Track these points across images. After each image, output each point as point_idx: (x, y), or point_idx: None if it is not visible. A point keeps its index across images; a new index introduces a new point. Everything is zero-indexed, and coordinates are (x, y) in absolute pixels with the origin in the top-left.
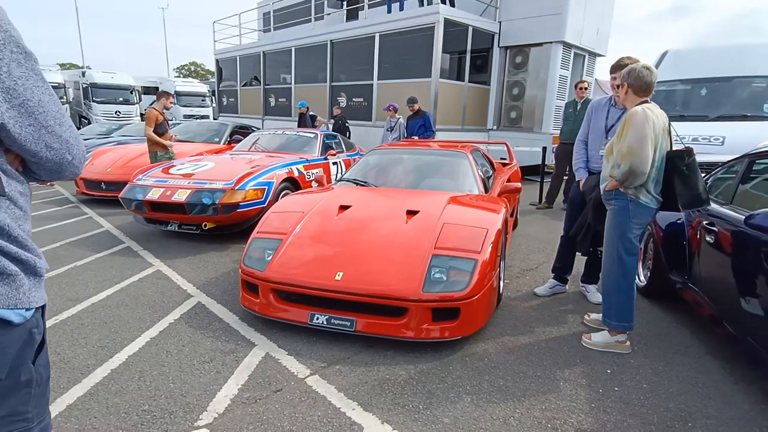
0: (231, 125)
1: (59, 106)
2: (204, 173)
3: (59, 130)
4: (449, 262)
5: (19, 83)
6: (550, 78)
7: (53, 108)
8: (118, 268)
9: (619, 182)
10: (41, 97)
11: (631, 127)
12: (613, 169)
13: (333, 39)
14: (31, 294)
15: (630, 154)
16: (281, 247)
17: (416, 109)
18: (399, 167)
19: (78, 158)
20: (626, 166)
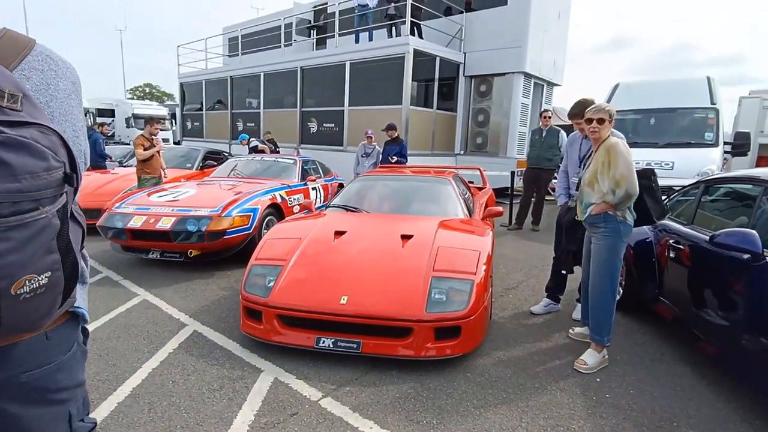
0: (203, 150)
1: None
2: (187, 200)
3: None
4: (448, 283)
5: (78, 124)
6: (512, 106)
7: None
8: (102, 299)
9: (613, 206)
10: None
11: (619, 157)
12: (607, 196)
13: (303, 66)
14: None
15: (624, 180)
16: (282, 273)
17: (395, 135)
18: (386, 193)
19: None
20: (622, 192)
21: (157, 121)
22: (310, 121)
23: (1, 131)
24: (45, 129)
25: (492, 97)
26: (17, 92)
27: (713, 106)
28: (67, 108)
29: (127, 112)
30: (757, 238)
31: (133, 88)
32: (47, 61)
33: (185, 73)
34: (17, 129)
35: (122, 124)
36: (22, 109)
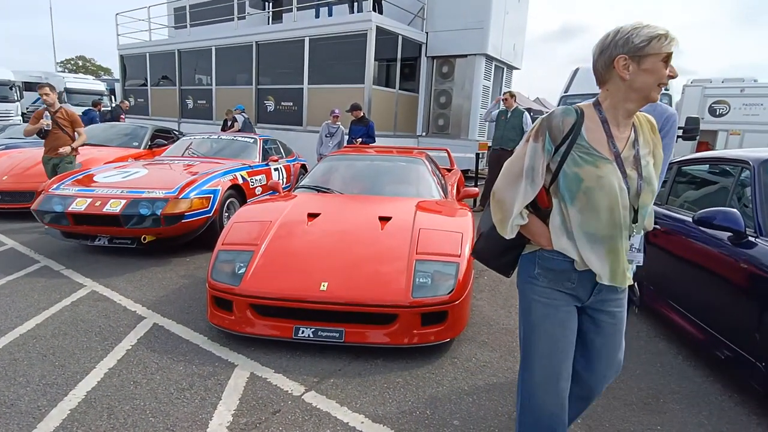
0: (150, 128)
1: None
2: (139, 181)
3: None
4: (432, 266)
5: None
6: (474, 88)
7: None
8: (41, 292)
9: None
10: None
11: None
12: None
13: (258, 40)
14: None
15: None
16: (254, 259)
17: (360, 116)
18: (358, 173)
19: None
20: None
21: (44, 85)
22: (266, 99)
23: None
24: None
25: (454, 78)
26: None
27: (666, 92)
28: None
29: (59, 87)
30: (738, 216)
31: (65, 61)
32: None
33: (126, 44)
34: None
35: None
36: None
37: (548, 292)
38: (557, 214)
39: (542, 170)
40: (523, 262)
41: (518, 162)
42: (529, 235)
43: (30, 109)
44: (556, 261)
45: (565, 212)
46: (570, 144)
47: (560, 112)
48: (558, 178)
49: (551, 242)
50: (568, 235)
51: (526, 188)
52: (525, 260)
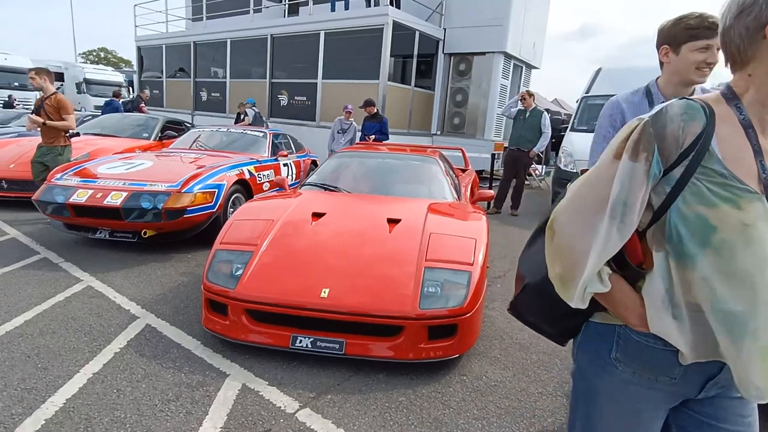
0: (161, 120)
1: None
2: (142, 173)
3: None
4: (443, 274)
5: None
6: (492, 87)
7: None
8: (36, 285)
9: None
10: None
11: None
12: None
13: (274, 33)
14: None
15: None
16: (253, 260)
17: (374, 112)
18: (368, 171)
19: None
20: None
21: (33, 69)
22: (280, 93)
23: None
24: None
25: (471, 76)
26: None
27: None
28: None
29: (78, 77)
30: None
31: (87, 52)
32: None
33: (143, 35)
34: None
35: (73, 90)
36: None
37: (631, 390)
38: (660, 278)
39: (641, 207)
40: (592, 336)
41: (599, 188)
42: (610, 306)
43: None
44: (651, 349)
45: (675, 277)
46: (692, 165)
47: (678, 111)
48: (666, 220)
49: (646, 322)
50: (676, 312)
51: (610, 233)
52: (596, 333)
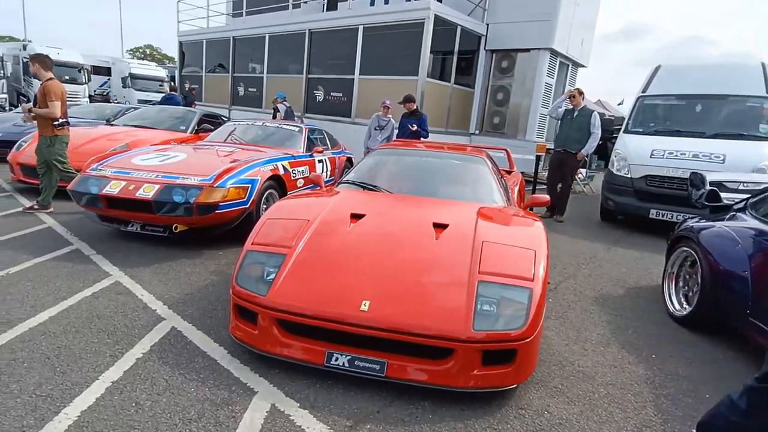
0: (198, 113)
1: None
2: (175, 165)
3: None
4: (499, 291)
5: None
6: (536, 85)
7: None
8: (65, 278)
9: None
10: None
11: None
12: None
13: (312, 28)
14: None
15: None
16: (286, 264)
17: (413, 108)
18: (410, 170)
19: None
20: None
21: (35, 56)
22: (316, 89)
23: None
24: None
25: (514, 74)
26: None
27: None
28: None
29: (124, 72)
30: None
31: (134, 49)
32: None
33: (185, 31)
34: None
35: (119, 84)
36: None
37: None
38: None
39: None
40: None
41: None
42: None
43: (97, 91)
44: None
45: None
46: None
47: None
48: None
49: None
50: None
51: None
52: None
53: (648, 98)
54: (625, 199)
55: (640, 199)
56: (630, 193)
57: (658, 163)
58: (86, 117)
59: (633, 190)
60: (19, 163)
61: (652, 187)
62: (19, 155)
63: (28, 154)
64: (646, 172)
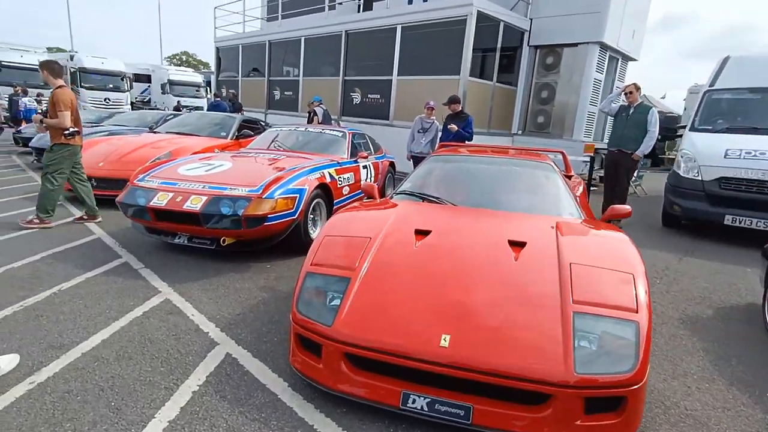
0: (238, 118)
1: None
2: (222, 175)
3: None
4: (600, 324)
5: None
6: (584, 81)
7: None
8: (115, 296)
9: None
10: None
11: None
12: None
13: (348, 29)
14: None
15: None
16: (351, 289)
17: (458, 110)
18: (473, 179)
19: None
20: None
21: (47, 64)
22: (353, 91)
23: None
24: None
25: (560, 70)
26: None
27: None
28: None
29: (163, 78)
30: None
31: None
32: None
33: (221, 36)
34: None
35: (158, 90)
36: None
37: None
38: None
39: None
40: None
41: None
42: None
43: (138, 98)
44: None
45: None
46: None
47: None
48: None
49: None
50: None
51: None
52: None
53: (716, 92)
54: (694, 204)
55: (713, 204)
56: (700, 198)
57: (734, 164)
58: (130, 124)
59: (704, 194)
60: None
61: (727, 190)
62: None
63: None
64: (720, 174)
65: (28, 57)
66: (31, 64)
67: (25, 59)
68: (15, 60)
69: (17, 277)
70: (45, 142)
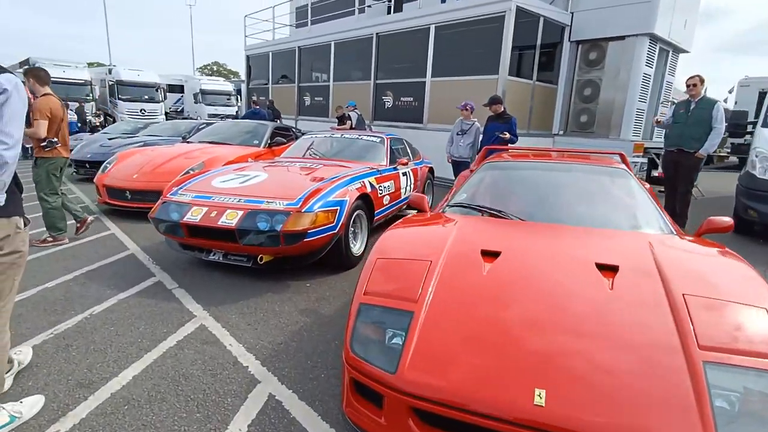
0: (270, 126)
1: None
2: (257, 187)
3: None
4: (740, 378)
5: None
6: (632, 77)
7: None
8: (148, 321)
9: None
10: None
11: None
12: None
13: (379, 32)
14: None
15: None
16: (415, 327)
17: (500, 110)
18: (539, 189)
19: None
20: None
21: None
22: (385, 94)
23: None
24: None
25: (604, 66)
26: None
27: None
28: None
29: (195, 88)
30: None
31: (202, 67)
32: None
33: (252, 44)
34: None
35: (191, 100)
36: None
37: None
38: None
39: None
40: None
41: None
42: None
43: (172, 108)
44: None
45: None
46: None
47: None
48: None
49: None
50: None
51: None
52: None
53: None
54: None
55: None
56: None
57: None
58: (163, 134)
59: None
60: (105, 185)
61: None
62: (104, 177)
63: (113, 175)
64: None
65: (70, 72)
66: (74, 78)
67: (67, 74)
68: (57, 75)
69: (50, 300)
70: (84, 154)
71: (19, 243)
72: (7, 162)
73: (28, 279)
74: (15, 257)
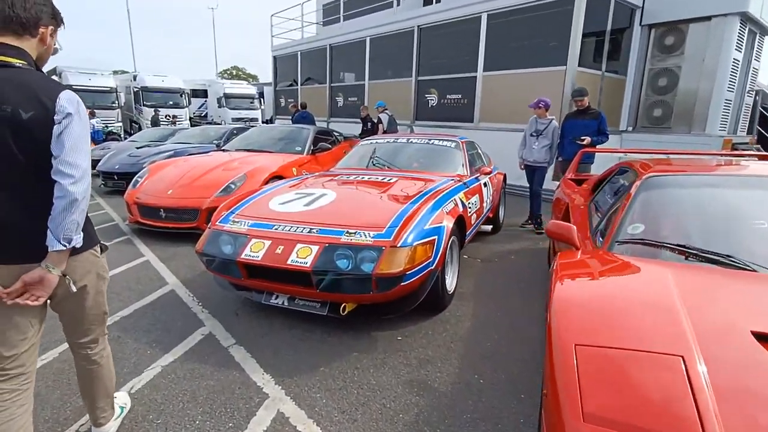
0: (312, 130)
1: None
2: (329, 212)
3: None
4: None
5: None
6: (720, 63)
7: None
8: (204, 405)
9: None
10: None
11: None
12: None
13: (421, 24)
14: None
15: None
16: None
17: (586, 104)
18: (754, 217)
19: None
20: None
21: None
22: (428, 92)
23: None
24: None
25: (684, 51)
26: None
27: None
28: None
29: (219, 92)
30: None
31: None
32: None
33: (278, 45)
34: None
35: (214, 104)
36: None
37: None
38: None
39: None
40: None
41: None
42: None
43: (196, 113)
44: None
45: None
46: None
47: None
48: None
49: None
50: None
51: None
52: None
53: None
54: None
55: None
56: None
57: None
58: (193, 141)
59: None
60: (137, 202)
61: None
62: (135, 192)
63: (145, 191)
64: None
65: (96, 80)
66: (100, 86)
67: (93, 82)
68: (83, 83)
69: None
70: (112, 165)
71: (101, 270)
72: (77, 199)
73: (48, 334)
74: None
